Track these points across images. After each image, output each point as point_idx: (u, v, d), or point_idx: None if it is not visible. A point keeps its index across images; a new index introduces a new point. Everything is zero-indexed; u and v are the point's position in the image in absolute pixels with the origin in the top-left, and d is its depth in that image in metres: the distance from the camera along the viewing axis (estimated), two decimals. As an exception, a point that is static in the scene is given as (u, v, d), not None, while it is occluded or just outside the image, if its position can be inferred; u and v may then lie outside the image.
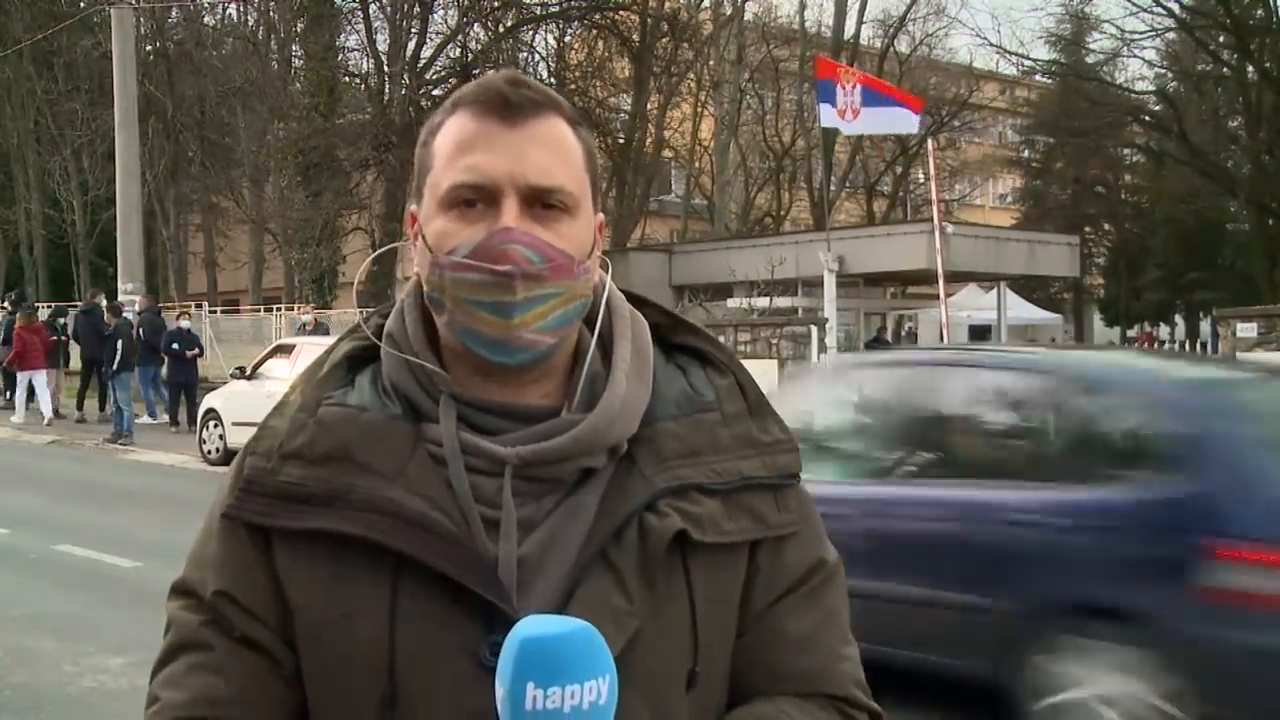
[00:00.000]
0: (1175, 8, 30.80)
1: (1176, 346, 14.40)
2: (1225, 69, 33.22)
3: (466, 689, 1.09)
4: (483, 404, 1.18)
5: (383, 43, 29.08)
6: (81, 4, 32.24)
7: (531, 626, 0.98)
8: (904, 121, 20.03)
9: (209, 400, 16.40)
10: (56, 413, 20.57)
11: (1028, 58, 39.61)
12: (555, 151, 1.16)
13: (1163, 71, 39.27)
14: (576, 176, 1.18)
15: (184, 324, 19.73)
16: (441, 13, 29.64)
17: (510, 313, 1.12)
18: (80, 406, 20.91)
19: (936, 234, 19.37)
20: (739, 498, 1.19)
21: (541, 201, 1.15)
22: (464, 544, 1.12)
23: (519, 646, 0.96)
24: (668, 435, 1.19)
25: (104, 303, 20.65)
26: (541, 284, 1.13)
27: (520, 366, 1.16)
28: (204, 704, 1.15)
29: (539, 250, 1.13)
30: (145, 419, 19.17)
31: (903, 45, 40.15)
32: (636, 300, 1.28)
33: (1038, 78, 43.25)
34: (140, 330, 19.03)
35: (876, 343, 23.30)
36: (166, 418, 19.38)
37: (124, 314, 19.40)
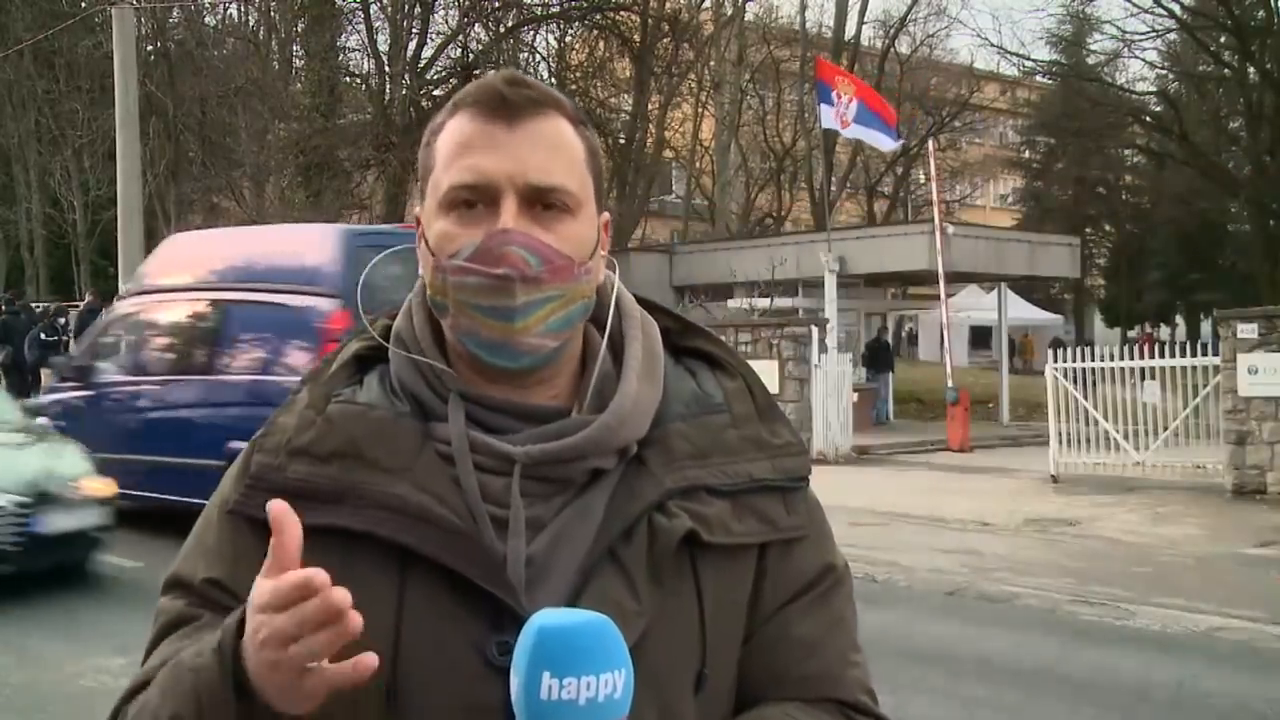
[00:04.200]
0: (1176, 8, 30.85)
1: (1178, 347, 14.48)
2: (1226, 70, 33.26)
3: (470, 685, 1.08)
4: (491, 403, 1.17)
5: (383, 43, 29.06)
6: (82, 4, 32.22)
7: (549, 616, 0.97)
8: (884, 141, 21.62)
9: (209, 400, 16.37)
10: None
11: (1029, 58, 39.83)
12: (555, 151, 1.15)
13: (1164, 72, 39.33)
14: (578, 175, 1.16)
15: None
16: (442, 13, 29.60)
17: (511, 317, 1.11)
18: None
19: (937, 235, 19.40)
20: (748, 500, 1.18)
21: (541, 202, 1.13)
22: (471, 540, 1.11)
23: (536, 635, 0.95)
24: (677, 436, 1.18)
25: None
26: (540, 287, 1.12)
27: (523, 370, 1.16)
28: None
29: (537, 252, 1.12)
30: None
31: (903, 46, 40.22)
32: (645, 304, 1.28)
33: (1039, 78, 43.33)
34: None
35: (877, 343, 23.24)
36: None
37: None
